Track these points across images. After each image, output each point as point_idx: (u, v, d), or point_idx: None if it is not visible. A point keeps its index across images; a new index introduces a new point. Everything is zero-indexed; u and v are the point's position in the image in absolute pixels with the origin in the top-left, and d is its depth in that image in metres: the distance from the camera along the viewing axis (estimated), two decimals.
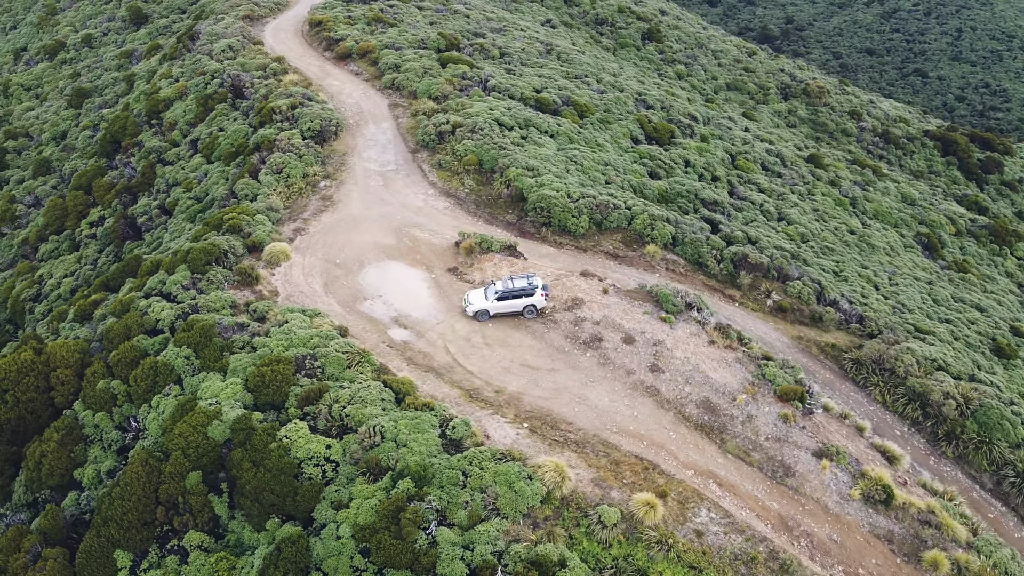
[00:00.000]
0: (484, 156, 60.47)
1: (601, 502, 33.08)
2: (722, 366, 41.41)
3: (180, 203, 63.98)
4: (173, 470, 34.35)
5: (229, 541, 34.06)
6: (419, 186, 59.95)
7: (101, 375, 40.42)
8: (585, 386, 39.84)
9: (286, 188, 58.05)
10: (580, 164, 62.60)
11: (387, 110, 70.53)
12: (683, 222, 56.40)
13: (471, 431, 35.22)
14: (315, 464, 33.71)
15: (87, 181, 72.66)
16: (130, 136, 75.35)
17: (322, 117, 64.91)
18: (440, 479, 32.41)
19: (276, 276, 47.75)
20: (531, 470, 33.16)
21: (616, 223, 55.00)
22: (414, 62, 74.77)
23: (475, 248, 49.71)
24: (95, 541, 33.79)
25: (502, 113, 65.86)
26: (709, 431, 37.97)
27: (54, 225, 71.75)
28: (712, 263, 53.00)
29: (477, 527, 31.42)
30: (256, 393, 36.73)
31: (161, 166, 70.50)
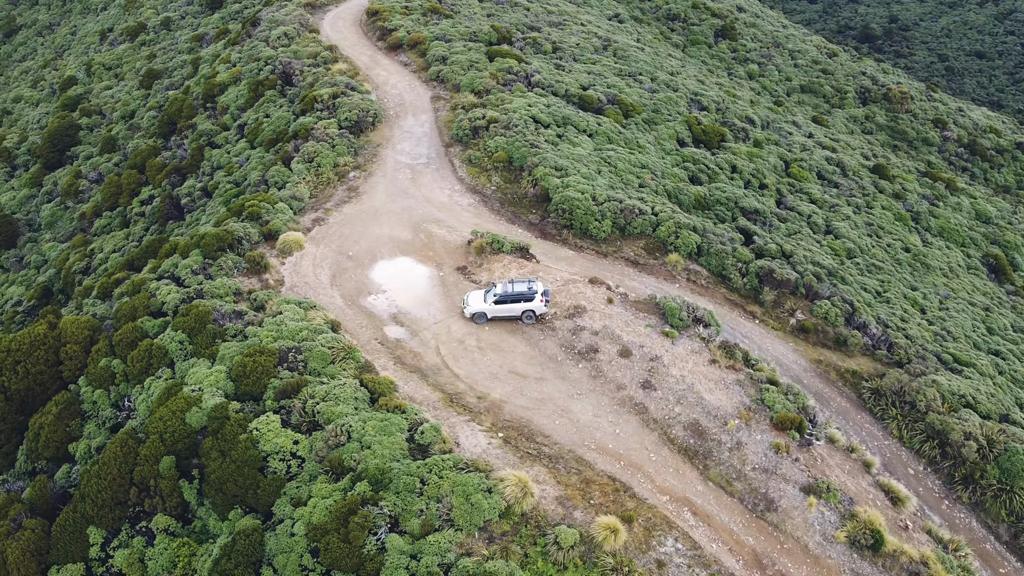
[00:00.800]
0: (514, 153, 59.55)
1: (562, 522, 31.99)
2: (719, 387, 39.47)
3: (220, 186, 65.53)
4: (148, 453, 35.04)
5: (195, 527, 34.57)
6: (447, 181, 59.54)
7: (104, 353, 41.67)
8: (571, 398, 38.65)
9: (315, 177, 58.58)
10: (614, 166, 60.92)
11: (429, 102, 70.36)
12: (711, 231, 54.14)
13: (440, 437, 34.61)
14: (281, 459, 33.78)
15: (141, 160, 75.33)
16: (185, 118, 77.66)
17: (360, 107, 65.22)
18: (397, 485, 31.96)
19: (286, 265, 48.22)
20: (492, 483, 32.33)
21: (640, 229, 53.24)
22: (462, 55, 74.32)
23: (485, 248, 48.97)
24: (71, 516, 34.84)
25: (540, 110, 64.72)
26: (693, 455, 36.24)
27: (109, 201, 74.72)
28: (735, 276, 50.69)
29: (428, 537, 30.85)
30: (238, 383, 37.10)
31: (209, 149, 72.36)
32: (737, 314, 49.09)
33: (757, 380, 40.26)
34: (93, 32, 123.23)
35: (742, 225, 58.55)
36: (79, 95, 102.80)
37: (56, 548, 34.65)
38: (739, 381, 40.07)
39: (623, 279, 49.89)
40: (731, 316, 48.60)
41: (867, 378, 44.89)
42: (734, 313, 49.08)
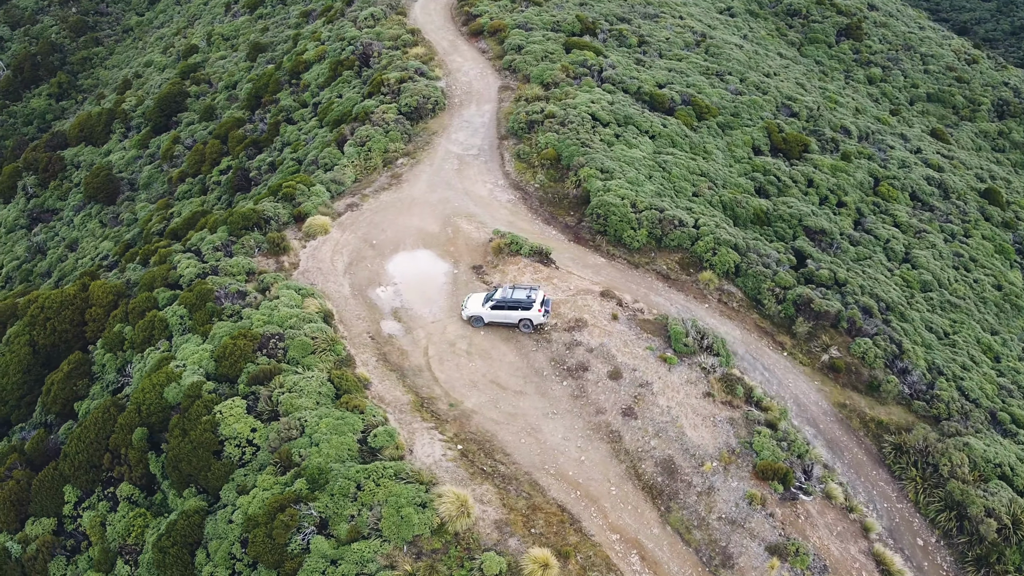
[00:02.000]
0: (563, 151, 57.70)
1: (494, 548, 30.73)
2: (706, 424, 36.72)
3: (284, 163, 67.30)
4: (124, 422, 36.43)
5: (156, 500, 35.70)
6: (492, 175, 58.49)
7: (119, 319, 43.67)
8: (545, 416, 37.06)
9: (364, 162, 59.00)
10: (668, 171, 57.88)
11: (496, 92, 69.31)
12: (755, 250, 50.46)
13: (394, 442, 33.99)
14: (237, 444, 34.22)
15: (224, 131, 78.58)
16: (271, 93, 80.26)
17: (423, 94, 65.06)
18: (333, 486, 31.65)
19: (307, 249, 48.82)
20: (430, 497, 31.44)
21: (677, 242, 50.36)
22: (538, 44, 72.69)
23: (503, 249, 47.71)
24: (51, 472, 36.81)
25: (602, 107, 62.35)
26: (657, 495, 33.92)
27: (193, 168, 78.51)
28: (770, 302, 47.05)
29: (353, 544, 30.39)
30: (219, 363, 37.87)
31: (286, 125, 74.44)
32: (765, 343, 45.59)
33: (753, 420, 37.17)
34: (220, 3, 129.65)
35: (799, 246, 54.28)
36: (197, 63, 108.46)
37: (35, 501, 36.75)
38: (731, 419, 37.13)
39: (648, 294, 47.41)
40: (757, 345, 45.21)
41: (893, 430, 40.60)
42: (762, 342, 45.61)
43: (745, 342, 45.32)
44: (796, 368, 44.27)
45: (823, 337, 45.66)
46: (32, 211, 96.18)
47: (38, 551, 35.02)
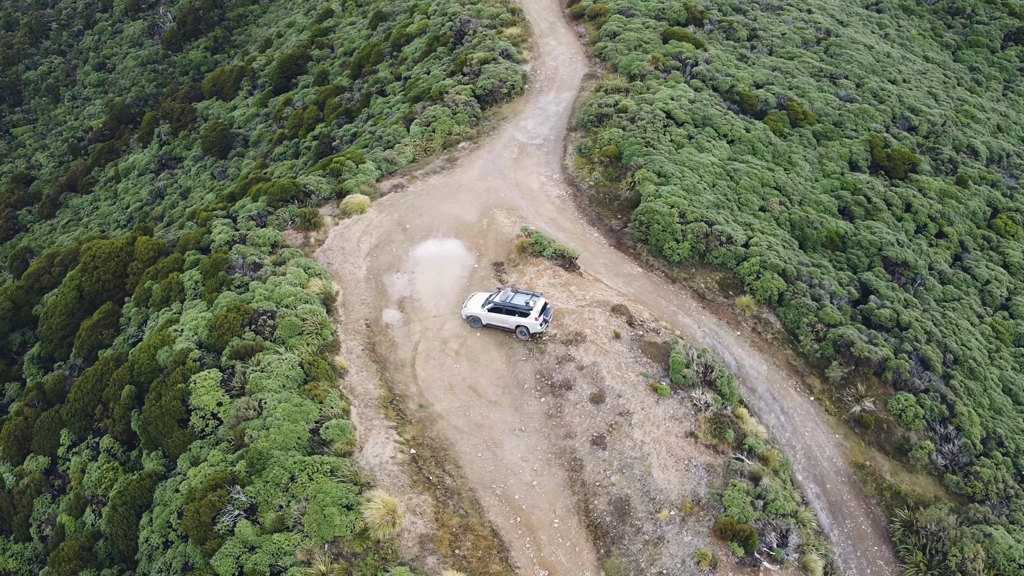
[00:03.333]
0: (625, 149, 54.81)
1: (410, 563, 29.84)
2: (679, 467, 33.82)
3: (363, 135, 68.17)
4: (117, 378, 38.26)
5: (132, 456, 37.32)
6: (549, 167, 56.51)
7: (151, 276, 45.85)
8: (511, 432, 35.48)
9: (424, 142, 58.65)
10: (736, 181, 53.64)
11: (579, 80, 66.82)
12: (806, 278, 45.86)
13: (345, 437, 33.66)
14: (202, 416, 35.05)
15: (323, 98, 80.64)
16: (372, 63, 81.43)
17: (500, 77, 63.72)
18: (269, 473, 31.75)
19: (338, 227, 49.11)
20: (358, 500, 30.90)
21: (721, 260, 46.71)
22: (634, 32, 69.25)
23: (527, 248, 45.95)
24: (53, 414, 39.32)
25: (680, 105, 58.57)
26: (601, 536, 31.67)
27: (291, 132, 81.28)
28: (807, 338, 42.71)
29: (275, 534, 30.41)
30: (211, 333, 38.87)
31: (377, 97, 75.36)
32: (792, 384, 41.52)
33: (734, 470, 33.87)
34: None
35: (867, 279, 48.86)
36: (327, 28, 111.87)
37: (36, 439, 39.45)
38: (709, 466, 34.00)
39: (676, 313, 44.36)
40: (782, 385, 41.25)
41: (910, 504, 35.87)
42: (788, 382, 41.57)
43: (769, 379, 41.47)
44: (819, 416, 40.02)
45: (859, 385, 40.92)
46: (162, 157, 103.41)
47: (28, 486, 37.68)
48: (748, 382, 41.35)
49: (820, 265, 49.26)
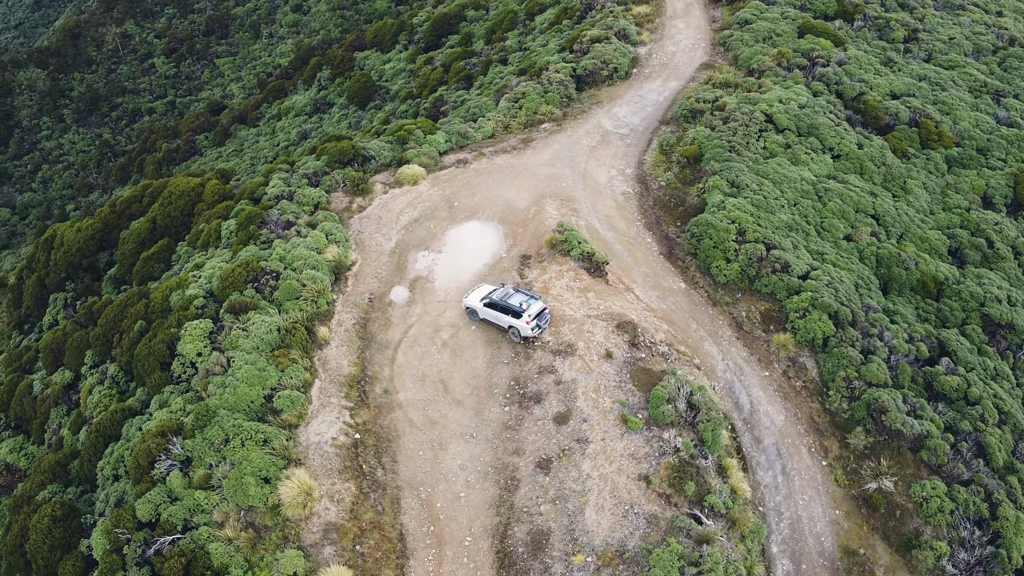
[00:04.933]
0: (707, 151, 50.48)
1: (310, 548, 29.75)
2: (617, 511, 31.04)
3: (466, 104, 67.71)
4: (134, 312, 40.87)
5: (130, 387, 39.84)
6: (625, 161, 53.24)
7: (206, 220, 48.39)
8: (460, 436, 34.16)
9: (507, 118, 57.19)
10: (824, 203, 47.81)
11: (694, 69, 62.17)
12: (862, 326, 40.22)
13: (296, 410, 33.90)
14: (181, 363, 36.66)
15: (450, 61, 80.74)
16: (503, 31, 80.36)
17: (605, 59, 60.62)
18: (209, 431, 32.64)
19: (386, 195, 49.07)
20: (277, 475, 31.11)
21: (770, 288, 42.09)
22: (767, 23, 63.17)
23: (557, 244, 43.62)
24: (83, 335, 42.79)
25: (786, 109, 52.88)
26: (507, 566, 29.84)
27: (417, 91, 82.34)
28: (837, 394, 37.62)
29: (197, 491, 31.37)
30: (219, 284, 40.42)
31: (498, 65, 74.41)
32: (807, 442, 36.85)
33: (678, 528, 30.60)
34: None
35: (946, 337, 42.09)
36: None
37: (67, 354, 43.15)
38: (652, 517, 30.92)
39: (703, 340, 40.71)
40: (795, 441, 36.73)
41: None
42: (804, 439, 36.92)
43: (782, 433, 37.03)
44: (824, 485, 35.26)
45: (882, 460, 35.49)
46: (317, 101, 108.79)
47: (49, 396, 41.46)
48: (756, 430, 37.18)
49: (896, 312, 43.01)
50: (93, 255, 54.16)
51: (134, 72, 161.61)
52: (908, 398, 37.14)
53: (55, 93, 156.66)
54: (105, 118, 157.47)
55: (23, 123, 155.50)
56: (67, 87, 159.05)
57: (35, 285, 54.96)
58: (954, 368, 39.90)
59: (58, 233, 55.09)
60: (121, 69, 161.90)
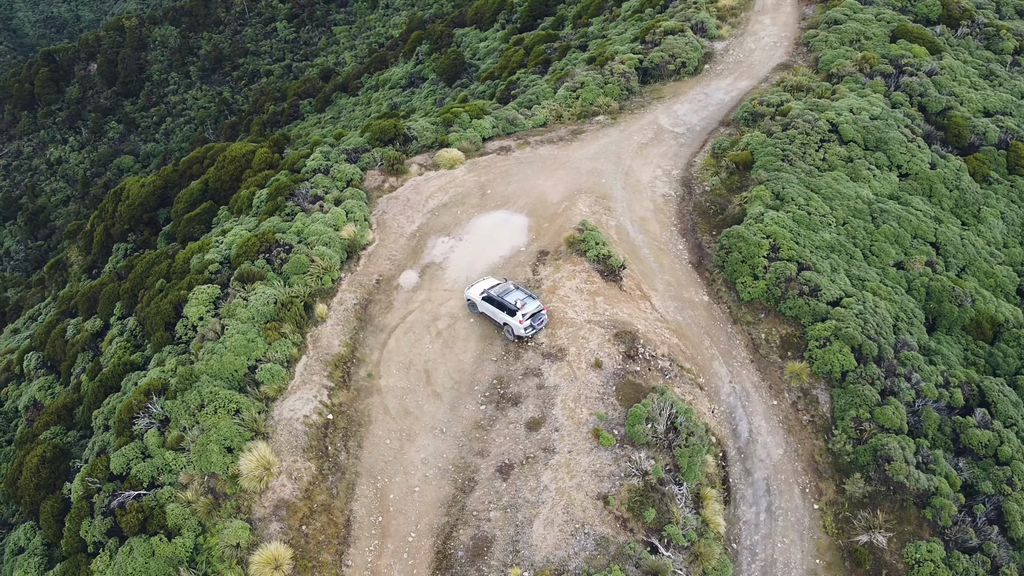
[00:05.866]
0: (759, 158, 47.67)
1: (255, 520, 30.26)
2: (567, 530, 29.89)
3: (535, 86, 66.60)
4: (156, 271, 42.61)
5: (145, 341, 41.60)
6: (673, 161, 50.97)
7: (246, 187, 49.80)
8: (430, 430, 33.80)
9: (561, 108, 55.83)
10: (877, 224, 44.21)
11: (770, 69, 58.71)
12: (888, 363, 37.03)
13: (276, 384, 34.42)
14: (184, 325, 37.96)
15: (532, 44, 79.52)
16: (589, 15, 78.45)
17: (673, 52, 58.11)
18: (188, 395, 33.63)
19: (420, 177, 48.88)
20: (242, 446, 31.72)
21: (795, 312, 39.43)
22: (858, 24, 58.75)
23: (575, 243, 42.25)
24: (115, 286, 45.02)
25: (856, 120, 49.12)
26: (443, 569, 29.34)
27: (497, 72, 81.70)
28: (842, 435, 34.87)
29: (168, 452, 32.46)
30: (236, 252, 41.49)
31: (575, 51, 72.74)
32: (802, 482, 34.43)
33: (626, 555, 29.19)
34: None
35: (988, 386, 38.16)
36: None
37: (100, 304, 45.53)
38: (602, 540, 29.62)
39: (713, 359, 38.74)
40: (788, 479, 34.42)
41: None
42: (799, 478, 34.51)
43: (777, 468, 34.75)
44: (810, 530, 32.82)
45: (880, 513, 32.61)
46: (413, 75, 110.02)
47: (78, 341, 43.93)
48: (749, 462, 35.02)
49: (936, 353, 39.37)
50: (154, 210, 56.87)
51: (257, 35, 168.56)
52: (922, 448, 33.91)
53: (184, 50, 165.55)
54: (227, 77, 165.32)
55: (153, 77, 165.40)
56: (196, 45, 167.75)
57: (102, 233, 58.34)
58: (989, 421, 36.15)
59: (126, 186, 58.15)
60: (246, 31, 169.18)
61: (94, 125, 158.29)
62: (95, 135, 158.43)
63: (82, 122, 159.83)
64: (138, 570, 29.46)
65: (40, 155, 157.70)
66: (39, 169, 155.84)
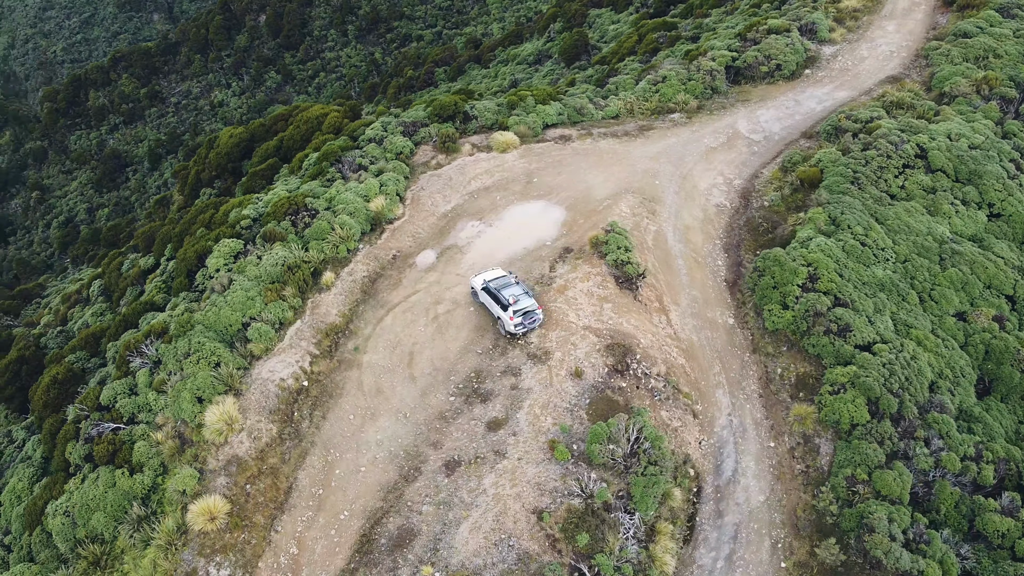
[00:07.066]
0: (827, 176, 43.90)
1: (203, 471, 31.46)
2: (491, 539, 28.97)
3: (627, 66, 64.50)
4: (202, 218, 44.83)
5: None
6: (738, 170, 47.75)
7: (309, 148, 51.28)
8: (394, 412, 33.69)
9: (636, 101, 53.56)
10: (944, 267, 39.52)
11: (876, 82, 53.77)
12: (910, 422, 33.17)
13: (263, 344, 35.39)
14: (203, 274, 39.80)
15: (645, 32, 76.54)
16: (709, 6, 74.52)
17: (769, 54, 54.20)
18: (180, 342, 35.18)
19: (470, 158, 48.34)
20: (212, 398, 32.97)
21: (817, 351, 36.20)
22: (991, 40, 52.36)
23: (598, 244, 40.48)
24: (170, 229, 47.78)
25: (951, 147, 43.97)
26: (363, 553, 29.30)
27: (608, 57, 79.46)
28: (829, 495, 31.73)
29: (151, 392, 34.29)
30: (267, 210, 42.90)
31: (686, 42, 69.47)
32: (776, 535, 31.77)
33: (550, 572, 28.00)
34: None
35: None
36: None
37: (155, 243, 48.52)
38: (524, 556, 28.52)
39: (718, 387, 36.55)
40: (761, 530, 31.88)
41: None
42: (774, 531, 31.85)
43: (753, 516, 32.26)
44: None
45: None
46: (541, 52, 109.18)
47: (129, 276, 47.12)
48: (724, 503, 32.64)
49: (979, 421, 34.90)
50: (238, 161, 59.87)
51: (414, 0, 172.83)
52: (917, 524, 30.17)
53: (345, 9, 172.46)
54: (380, 39, 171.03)
55: (314, 32, 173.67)
56: (356, 5, 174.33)
57: (194, 177, 62.18)
58: (1017, 508, 31.66)
59: (219, 136, 61.51)
60: None
61: (255, 73, 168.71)
62: (255, 82, 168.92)
63: (245, 69, 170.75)
64: (97, 497, 31.41)
65: (205, 96, 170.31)
66: (203, 109, 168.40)
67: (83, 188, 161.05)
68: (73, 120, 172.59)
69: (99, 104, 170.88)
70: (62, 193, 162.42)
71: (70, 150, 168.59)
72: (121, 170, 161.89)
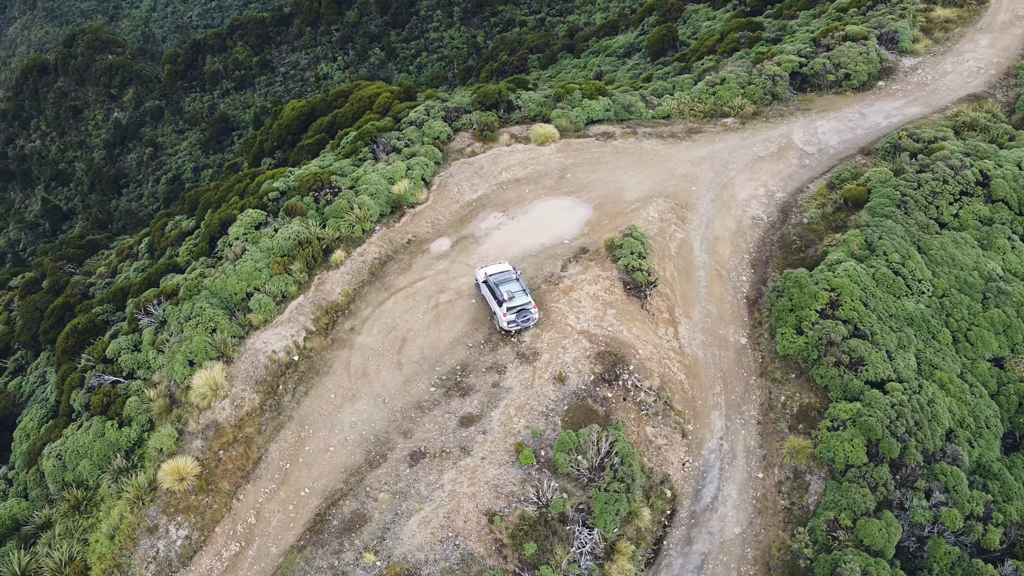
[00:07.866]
0: (873, 197, 41.09)
1: (187, 434, 32.48)
2: (438, 536, 28.63)
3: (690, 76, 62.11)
4: (237, 188, 46.14)
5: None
6: (784, 184, 45.29)
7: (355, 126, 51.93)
8: (374, 396, 33.76)
9: (690, 103, 51.57)
10: (987, 306, 36.33)
11: (955, 99, 49.88)
12: (914, 470, 30.74)
13: (263, 315, 36.13)
14: (225, 242, 40.97)
15: (728, 30, 73.51)
16: (797, 7, 70.90)
17: (838, 62, 51.08)
18: (185, 304, 36.31)
19: (506, 148, 47.67)
20: (202, 364, 33.96)
21: (824, 383, 34.10)
22: None
23: (613, 247, 39.24)
24: (213, 193, 49.42)
25: (1015, 177, 40.32)
26: (315, 531, 29.52)
27: (690, 53, 76.92)
28: (805, 538, 29.75)
29: (151, 351, 35.63)
30: (294, 184, 43.69)
31: (767, 44, 66.41)
32: (744, 572, 30.06)
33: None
34: None
35: None
36: None
37: (199, 205, 50.26)
38: (468, 556, 28.03)
39: (715, 407, 35.09)
40: (731, 563, 30.40)
41: None
42: (743, 567, 30.25)
43: (724, 549, 30.74)
44: None
45: None
46: (631, 46, 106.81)
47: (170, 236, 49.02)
48: (695, 530, 31.23)
49: (997, 478, 31.96)
50: (297, 133, 61.35)
51: None
52: None
53: None
54: (484, 22, 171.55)
55: (420, 12, 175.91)
56: None
57: (258, 146, 64.16)
58: None
59: (284, 108, 63.17)
60: None
61: (360, 48, 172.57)
62: (359, 58, 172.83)
63: (351, 44, 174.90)
64: (86, 445, 32.93)
65: (312, 68, 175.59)
66: (308, 80, 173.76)
67: (192, 148, 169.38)
68: (189, 83, 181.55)
69: (214, 69, 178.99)
70: (173, 151, 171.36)
71: (184, 111, 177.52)
72: (227, 133, 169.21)
